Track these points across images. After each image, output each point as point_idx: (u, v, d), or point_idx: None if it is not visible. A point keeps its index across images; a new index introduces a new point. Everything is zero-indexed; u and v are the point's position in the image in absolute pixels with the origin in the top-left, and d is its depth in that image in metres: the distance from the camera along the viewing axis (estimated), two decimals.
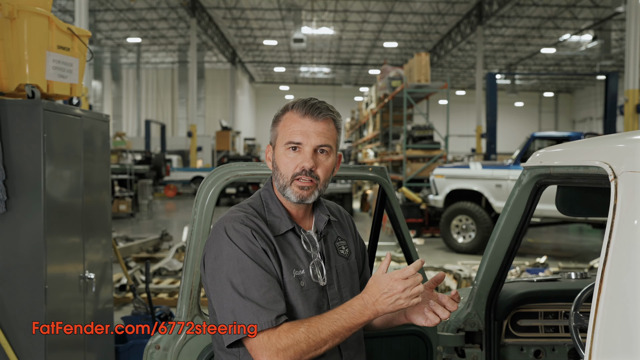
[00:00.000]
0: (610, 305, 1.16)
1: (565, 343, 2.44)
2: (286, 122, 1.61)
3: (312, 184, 1.59)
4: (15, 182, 3.02)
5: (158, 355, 1.99)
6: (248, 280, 1.48)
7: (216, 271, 1.52)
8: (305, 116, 1.59)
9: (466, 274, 6.68)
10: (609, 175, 1.32)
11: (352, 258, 1.75)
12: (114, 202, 15.24)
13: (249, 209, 1.64)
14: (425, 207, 11.86)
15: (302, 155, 1.58)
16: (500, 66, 36.57)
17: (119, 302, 6.22)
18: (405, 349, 2.27)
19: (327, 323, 1.44)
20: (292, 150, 1.59)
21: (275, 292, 1.49)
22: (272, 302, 1.46)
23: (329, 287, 1.64)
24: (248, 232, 1.54)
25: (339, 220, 1.80)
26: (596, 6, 23.59)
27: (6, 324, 3.03)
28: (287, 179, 1.60)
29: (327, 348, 1.46)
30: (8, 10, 3.05)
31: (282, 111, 1.64)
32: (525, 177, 2.12)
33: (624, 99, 12.50)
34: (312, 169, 1.58)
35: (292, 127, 1.59)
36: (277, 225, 1.62)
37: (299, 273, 1.58)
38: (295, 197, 1.60)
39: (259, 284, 1.47)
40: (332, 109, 1.63)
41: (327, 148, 1.61)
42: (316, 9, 25.75)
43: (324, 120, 1.60)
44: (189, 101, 28.03)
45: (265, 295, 1.46)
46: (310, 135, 1.58)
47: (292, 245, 1.62)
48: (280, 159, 1.61)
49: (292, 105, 1.62)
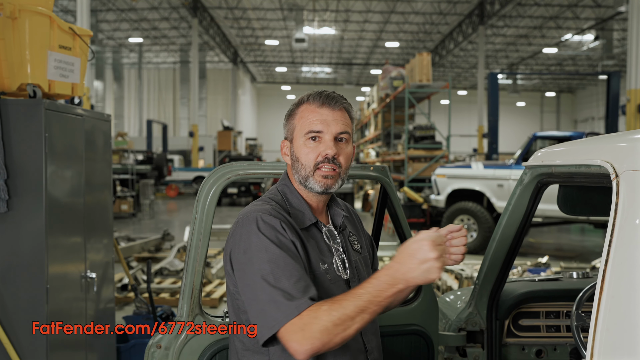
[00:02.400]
0: (612, 304, 1.16)
1: (567, 343, 2.43)
2: (303, 113, 1.62)
3: (335, 173, 1.60)
4: (16, 181, 3.03)
5: (159, 354, 1.99)
6: (278, 270, 1.42)
7: (247, 265, 1.47)
8: (323, 106, 1.61)
9: (468, 274, 6.67)
10: (610, 174, 1.32)
11: (364, 252, 1.77)
12: (116, 202, 15.25)
13: (272, 202, 1.61)
14: (427, 207, 11.85)
15: (324, 144, 1.59)
16: (502, 66, 36.53)
17: (120, 302, 6.22)
18: (407, 349, 2.27)
19: (352, 299, 1.36)
20: (312, 140, 1.59)
21: (305, 282, 1.42)
22: (303, 292, 1.40)
23: (351, 280, 1.64)
24: (277, 224, 1.49)
25: (349, 216, 1.81)
26: (598, 6, 23.56)
27: (8, 323, 3.03)
28: (309, 169, 1.60)
29: (357, 328, 1.36)
30: (10, 10, 3.05)
31: (297, 104, 1.65)
32: (526, 176, 2.12)
33: (626, 99, 12.49)
34: (334, 156, 1.59)
35: (311, 117, 1.60)
36: (301, 219, 1.61)
37: (325, 267, 1.58)
38: (320, 186, 1.59)
39: (289, 273, 1.41)
40: (345, 99, 1.66)
41: (346, 135, 1.62)
42: (318, 8, 25.75)
43: (340, 110, 1.63)
44: (190, 101, 28.06)
45: (296, 285, 1.40)
46: (330, 123, 1.60)
47: (316, 239, 1.62)
48: (300, 150, 1.61)
49: (308, 97, 1.63)
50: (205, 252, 2.05)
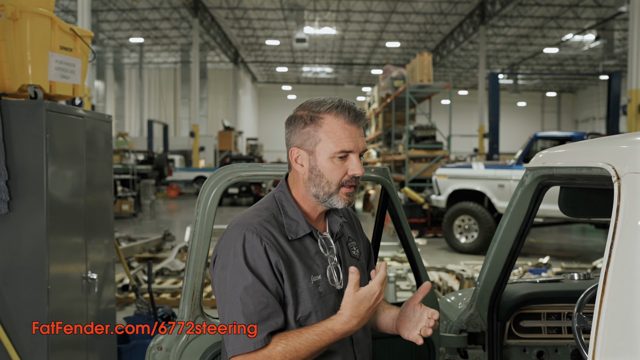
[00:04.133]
0: (613, 306, 1.16)
1: (568, 344, 2.43)
2: (331, 125, 1.55)
3: (356, 189, 1.61)
4: (18, 182, 3.03)
5: (160, 355, 1.99)
6: (247, 298, 1.48)
7: (222, 282, 1.53)
8: (353, 123, 1.57)
9: (469, 275, 6.68)
10: (612, 176, 1.32)
11: (362, 259, 1.76)
12: (117, 202, 15.26)
13: (264, 213, 1.60)
14: (428, 207, 11.85)
15: (352, 163, 1.57)
16: (503, 66, 36.53)
17: (121, 302, 6.22)
18: (408, 350, 2.27)
19: (305, 343, 1.47)
20: (339, 159, 1.56)
21: (271, 309, 1.49)
22: (266, 321, 1.47)
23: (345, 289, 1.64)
24: (258, 245, 1.51)
25: (349, 221, 1.79)
26: (599, 6, 23.56)
27: (9, 324, 3.03)
28: (334, 186, 1.58)
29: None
30: (11, 11, 3.05)
31: (319, 113, 1.56)
32: (528, 178, 2.12)
33: (627, 99, 12.48)
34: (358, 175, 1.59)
35: (341, 134, 1.55)
36: (294, 229, 1.59)
37: (316, 279, 1.57)
38: (343, 203, 1.59)
39: (257, 300, 1.48)
40: (365, 112, 1.63)
41: (365, 153, 1.62)
42: (318, 8, 25.76)
43: (361, 125, 1.61)
44: (191, 101, 28.06)
45: (260, 313, 1.47)
46: (358, 141, 1.57)
47: (308, 249, 1.60)
48: (325, 166, 1.56)
49: (336, 109, 1.55)
50: (207, 253, 2.05)
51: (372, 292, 1.48)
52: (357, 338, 1.65)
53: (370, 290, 1.49)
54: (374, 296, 1.49)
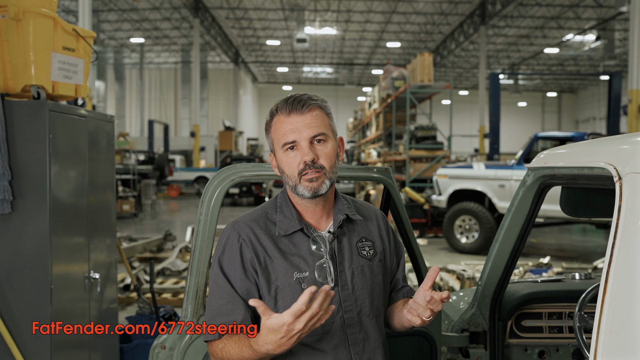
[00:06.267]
0: (615, 306, 1.17)
1: (570, 344, 2.44)
2: (276, 125, 1.62)
3: (319, 174, 1.59)
4: (20, 182, 3.04)
5: (164, 355, 2.00)
6: (214, 293, 1.62)
7: (210, 278, 1.69)
8: (291, 113, 1.59)
9: (469, 274, 6.68)
10: (613, 176, 1.32)
11: (376, 260, 1.71)
12: (118, 202, 15.27)
13: (257, 212, 1.71)
14: (429, 207, 11.86)
15: (301, 151, 1.59)
16: (504, 66, 36.52)
17: (123, 302, 6.23)
18: (410, 349, 2.28)
19: (238, 352, 1.52)
20: (290, 150, 1.60)
21: (232, 306, 1.58)
22: (226, 315, 1.57)
23: (341, 288, 1.62)
24: (235, 243, 1.62)
25: (367, 220, 1.77)
26: (599, 6, 23.55)
27: (12, 323, 3.04)
28: (294, 178, 1.60)
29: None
30: (14, 12, 3.06)
31: (270, 117, 1.65)
32: (529, 178, 2.13)
33: (628, 99, 12.49)
34: (314, 161, 1.58)
35: (283, 128, 1.60)
36: (285, 226, 1.64)
37: (300, 275, 1.58)
38: (308, 191, 1.60)
39: (219, 296, 1.60)
40: (315, 97, 1.63)
41: (322, 136, 1.60)
42: (319, 9, 25.76)
43: (310, 111, 1.60)
44: (192, 101, 28.09)
45: (220, 308, 1.59)
46: (301, 129, 1.58)
47: (298, 246, 1.62)
48: (282, 162, 1.62)
49: (277, 109, 1.63)
50: (210, 253, 2.06)
51: (281, 322, 1.36)
52: (354, 339, 1.62)
53: (280, 319, 1.36)
54: (283, 327, 1.36)
